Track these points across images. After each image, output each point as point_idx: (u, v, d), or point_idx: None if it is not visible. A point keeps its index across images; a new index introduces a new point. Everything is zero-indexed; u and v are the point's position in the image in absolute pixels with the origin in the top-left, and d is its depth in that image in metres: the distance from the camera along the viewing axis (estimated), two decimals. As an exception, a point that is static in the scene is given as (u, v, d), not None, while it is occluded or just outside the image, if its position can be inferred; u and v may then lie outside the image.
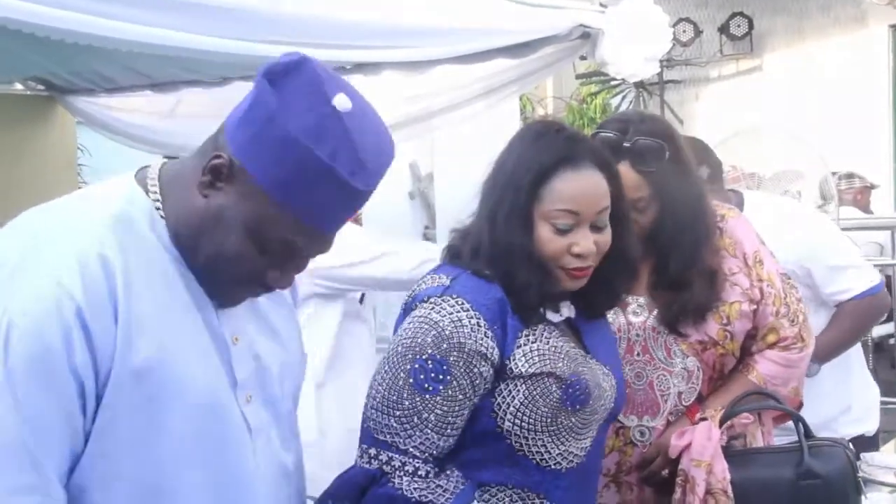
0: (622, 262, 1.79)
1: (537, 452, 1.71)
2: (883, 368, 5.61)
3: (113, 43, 2.97)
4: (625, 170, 1.95)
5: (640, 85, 8.98)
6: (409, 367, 1.63)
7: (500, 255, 1.70)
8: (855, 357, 2.94)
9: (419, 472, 1.63)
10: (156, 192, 1.30)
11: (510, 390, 1.68)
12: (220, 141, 1.26)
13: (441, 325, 1.64)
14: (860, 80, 8.19)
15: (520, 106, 8.97)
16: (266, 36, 3.88)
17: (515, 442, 1.70)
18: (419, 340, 1.65)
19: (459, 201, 5.88)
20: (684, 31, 8.87)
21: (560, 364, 1.70)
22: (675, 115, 9.09)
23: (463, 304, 1.66)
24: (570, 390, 1.69)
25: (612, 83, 9.33)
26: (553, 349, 1.71)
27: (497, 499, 1.71)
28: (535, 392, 1.67)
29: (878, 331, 5.59)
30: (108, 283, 1.18)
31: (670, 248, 2.03)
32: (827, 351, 2.76)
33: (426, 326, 1.65)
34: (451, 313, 1.65)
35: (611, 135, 2.04)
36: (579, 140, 1.75)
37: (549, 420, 1.69)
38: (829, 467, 1.98)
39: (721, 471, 2.00)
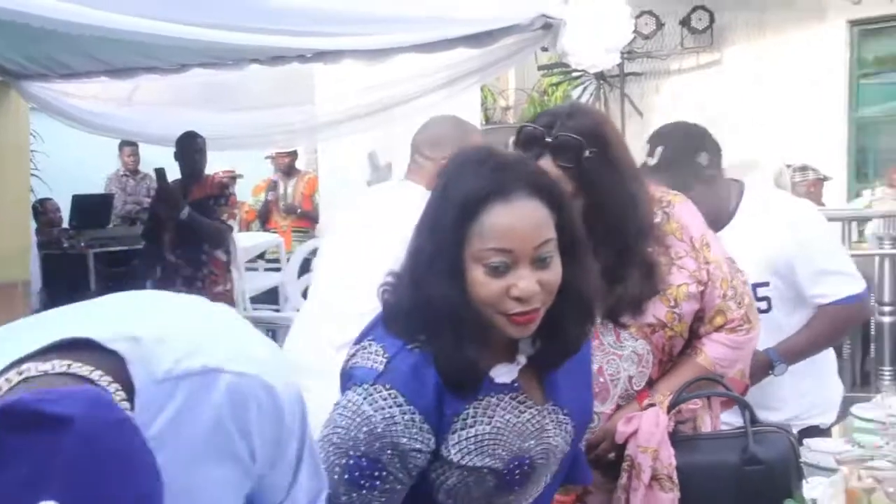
0: (575, 301, 1.55)
1: None
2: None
3: (74, 28, 2.93)
4: (546, 164, 1.90)
5: (601, 77, 9.01)
6: (343, 461, 1.52)
7: (427, 317, 1.49)
8: (823, 354, 2.90)
9: None
10: None
11: (444, 471, 1.56)
12: None
13: (373, 421, 1.50)
14: (818, 74, 8.29)
15: (481, 97, 8.98)
16: (225, 23, 3.86)
17: None
18: (352, 435, 1.51)
19: (418, 191, 5.81)
20: (646, 24, 8.91)
21: (499, 450, 1.56)
22: (636, 108, 9.14)
23: (396, 397, 1.50)
24: (508, 477, 1.57)
25: (574, 75, 9.36)
26: (493, 433, 1.55)
27: None
28: (468, 479, 1.56)
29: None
30: None
31: (598, 244, 1.90)
32: (798, 351, 2.72)
33: (358, 420, 1.51)
34: (384, 408, 1.50)
35: (533, 129, 1.97)
36: (510, 167, 1.51)
37: (483, 499, 1.59)
38: (772, 453, 2.01)
39: (667, 457, 2.02)
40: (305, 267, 6.32)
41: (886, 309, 4.83)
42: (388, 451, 1.51)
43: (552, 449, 1.63)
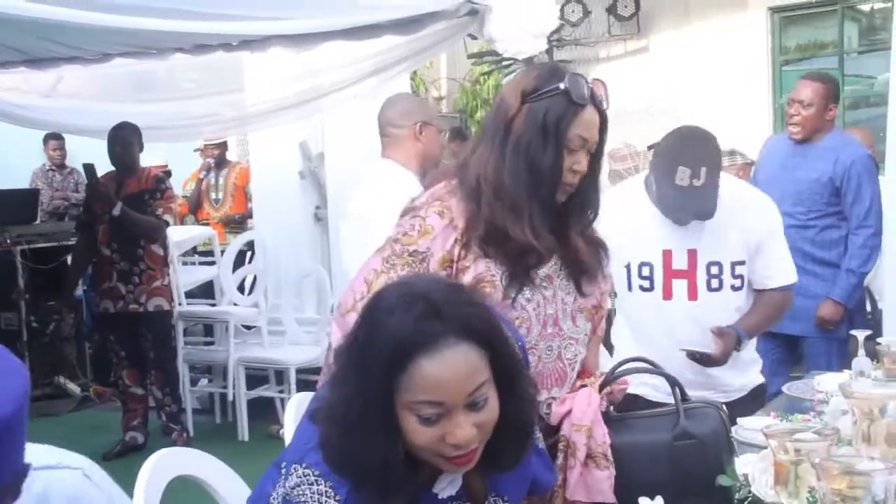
0: (514, 429, 1.50)
1: None
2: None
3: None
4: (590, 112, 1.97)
5: (531, 64, 9.05)
6: None
7: (354, 465, 1.42)
8: None
9: None
10: None
11: None
12: None
13: None
14: (742, 61, 8.43)
15: (412, 86, 8.97)
16: (145, 7, 3.79)
17: None
18: None
19: (351, 181, 5.90)
20: (573, 11, 8.98)
21: None
22: (566, 95, 9.19)
23: None
24: None
25: (504, 63, 9.40)
26: None
27: None
28: None
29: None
30: None
31: (585, 197, 2.04)
32: (755, 330, 2.90)
33: None
34: None
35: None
36: (439, 311, 1.41)
37: None
38: (703, 428, 2.05)
39: (601, 435, 2.04)
40: (240, 260, 6.26)
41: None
42: None
43: None
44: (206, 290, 6.59)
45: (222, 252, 6.33)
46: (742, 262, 2.80)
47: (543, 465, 1.78)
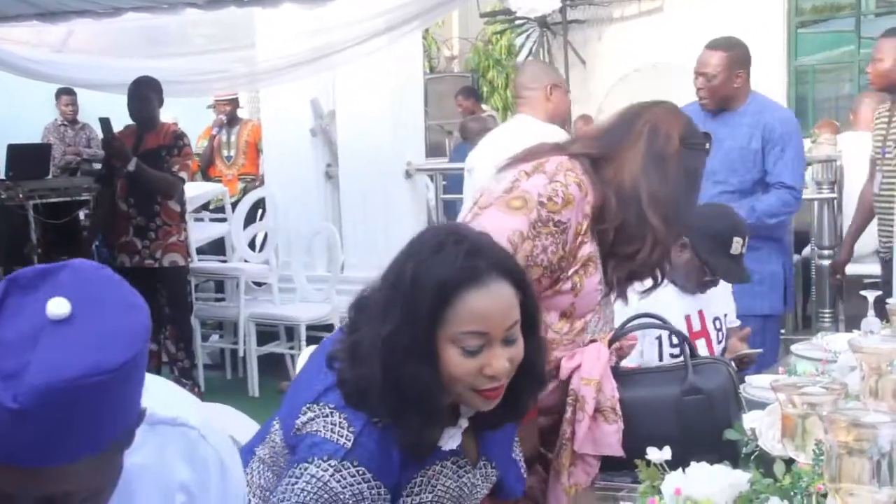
0: (532, 372, 1.62)
1: None
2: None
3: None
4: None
5: (543, 24, 8.99)
6: None
7: (396, 398, 1.51)
8: None
9: None
10: None
11: None
12: None
13: (341, 498, 1.52)
14: (757, 23, 8.35)
15: (424, 46, 8.92)
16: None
17: None
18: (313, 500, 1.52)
19: (362, 138, 5.90)
20: (587, -30, 8.91)
21: None
22: (578, 56, 9.15)
23: (364, 474, 1.53)
24: None
25: (517, 22, 9.33)
26: (433, 500, 1.62)
27: None
28: None
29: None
30: None
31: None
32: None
33: (325, 496, 1.52)
34: (353, 485, 1.52)
35: None
36: (483, 251, 1.55)
37: None
38: (711, 383, 2.06)
39: (610, 389, 2.06)
40: (252, 217, 6.26)
41: (825, 252, 4.94)
42: None
43: (476, 501, 1.71)
44: (217, 247, 6.61)
45: (233, 208, 6.34)
46: (726, 315, 3.04)
47: (515, 475, 1.82)
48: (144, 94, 5.18)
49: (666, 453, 1.49)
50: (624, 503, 1.34)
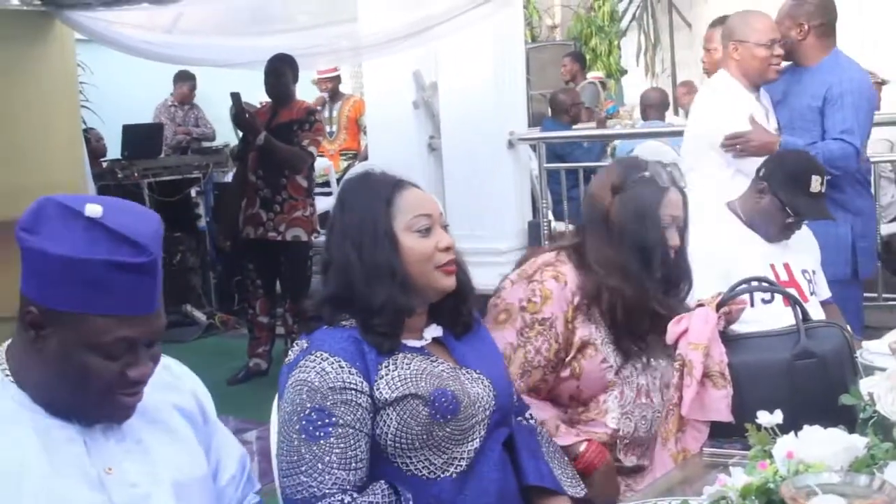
0: (467, 289, 1.97)
1: (423, 468, 1.83)
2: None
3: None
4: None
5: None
6: (297, 426, 1.78)
7: (364, 285, 1.83)
8: None
9: (345, 502, 1.74)
10: (3, 367, 1.45)
11: (384, 419, 1.81)
12: (23, 299, 1.42)
13: (309, 380, 1.79)
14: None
15: (526, 15, 8.84)
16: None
17: (402, 464, 1.82)
18: (297, 401, 1.79)
19: (464, 109, 5.88)
20: (692, -68, 8.68)
21: (422, 384, 1.82)
22: (683, 18, 8.94)
23: (321, 354, 1.80)
24: (437, 404, 1.81)
25: (620, -12, 9.18)
26: (413, 372, 1.83)
27: None
28: (404, 415, 1.80)
29: (886, 229, 5.54)
30: None
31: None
32: None
33: (298, 387, 1.80)
34: (314, 368, 1.79)
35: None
36: (393, 174, 1.96)
37: (425, 436, 1.81)
38: (825, 347, 2.01)
39: (718, 353, 2.02)
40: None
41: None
42: (329, 397, 1.77)
43: (473, 395, 1.87)
44: (322, 221, 6.71)
45: (338, 182, 6.41)
46: (814, 272, 3.00)
47: (505, 388, 1.97)
48: (279, 69, 5.26)
49: (777, 417, 1.45)
50: (734, 468, 1.31)
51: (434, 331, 1.92)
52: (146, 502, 1.46)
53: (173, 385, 1.61)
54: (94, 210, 1.37)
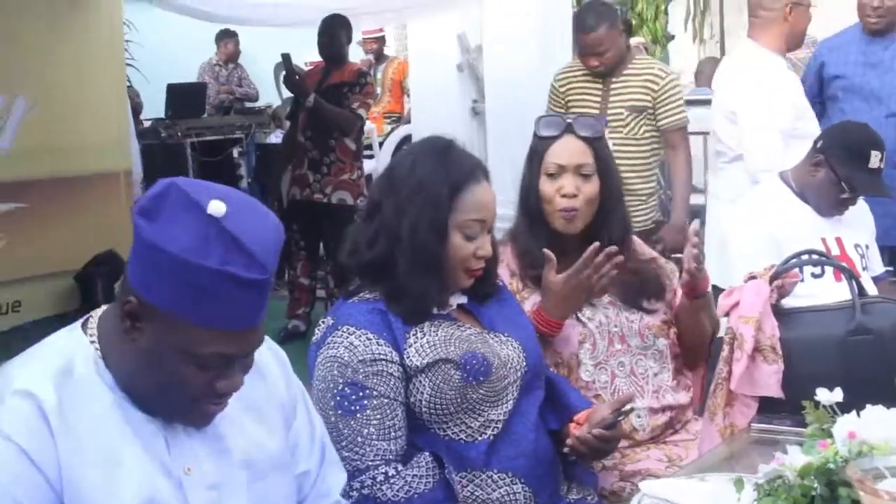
0: (495, 260, 1.97)
1: (461, 431, 1.83)
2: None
3: None
4: (569, 141, 2.20)
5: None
6: (332, 403, 1.78)
7: (407, 265, 1.81)
8: None
9: (389, 474, 1.76)
10: (95, 342, 1.37)
11: (417, 386, 1.81)
12: (126, 285, 1.33)
13: (339, 355, 1.79)
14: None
15: (572, -22, 8.70)
16: None
17: (439, 429, 1.83)
18: (329, 378, 1.80)
19: (509, 73, 5.82)
20: None
21: (451, 348, 1.82)
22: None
23: (348, 329, 1.81)
24: (469, 367, 1.82)
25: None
26: (442, 338, 1.83)
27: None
28: (437, 381, 1.81)
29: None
30: (44, 423, 1.29)
31: (602, 226, 2.20)
32: None
33: (328, 364, 1.80)
34: (342, 343, 1.80)
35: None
36: (473, 156, 1.93)
37: (459, 400, 1.81)
38: (882, 323, 1.95)
39: (770, 328, 1.98)
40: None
41: None
42: (361, 370, 1.78)
43: (503, 357, 1.87)
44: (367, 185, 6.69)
45: (380, 145, 6.38)
46: (867, 246, 2.92)
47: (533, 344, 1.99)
48: (333, 30, 5.23)
49: (837, 395, 1.41)
50: (791, 447, 1.27)
51: (459, 298, 1.92)
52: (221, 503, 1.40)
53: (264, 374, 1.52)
54: (217, 208, 1.26)
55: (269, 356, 1.54)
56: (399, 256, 1.82)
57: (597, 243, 2.07)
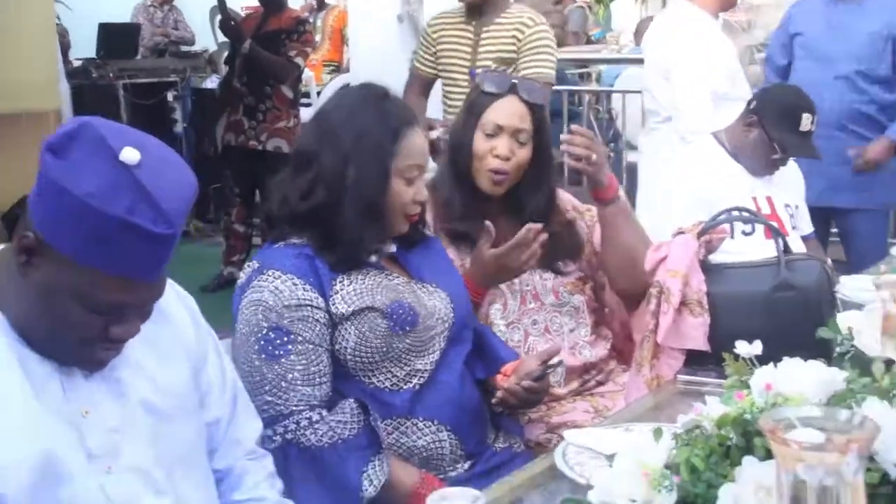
0: (425, 206, 1.98)
1: (386, 380, 1.83)
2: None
3: None
4: (512, 101, 2.19)
5: None
6: (255, 347, 1.76)
7: (351, 213, 1.80)
8: None
9: (313, 419, 1.74)
10: None
11: (342, 334, 1.80)
12: (26, 219, 1.28)
13: (263, 299, 1.77)
14: None
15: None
16: None
17: (364, 377, 1.82)
18: (253, 322, 1.78)
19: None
20: None
21: (378, 297, 1.82)
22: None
23: (274, 273, 1.79)
24: (395, 316, 1.81)
25: None
26: (369, 286, 1.82)
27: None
28: (363, 329, 1.80)
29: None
30: None
31: (532, 189, 2.21)
32: None
33: (253, 307, 1.78)
34: (267, 286, 1.78)
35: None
36: (405, 102, 1.99)
37: (385, 349, 1.81)
38: (805, 280, 1.99)
39: (697, 282, 2.00)
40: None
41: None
42: (286, 315, 1.76)
43: (430, 307, 1.87)
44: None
45: (318, 93, 6.31)
46: (797, 206, 3.00)
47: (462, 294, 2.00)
48: None
49: (756, 347, 1.43)
50: (710, 398, 1.29)
51: (388, 246, 1.92)
52: (122, 447, 1.36)
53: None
54: (130, 155, 1.22)
55: (177, 302, 1.51)
56: (345, 204, 1.80)
57: (531, 225, 2.08)
